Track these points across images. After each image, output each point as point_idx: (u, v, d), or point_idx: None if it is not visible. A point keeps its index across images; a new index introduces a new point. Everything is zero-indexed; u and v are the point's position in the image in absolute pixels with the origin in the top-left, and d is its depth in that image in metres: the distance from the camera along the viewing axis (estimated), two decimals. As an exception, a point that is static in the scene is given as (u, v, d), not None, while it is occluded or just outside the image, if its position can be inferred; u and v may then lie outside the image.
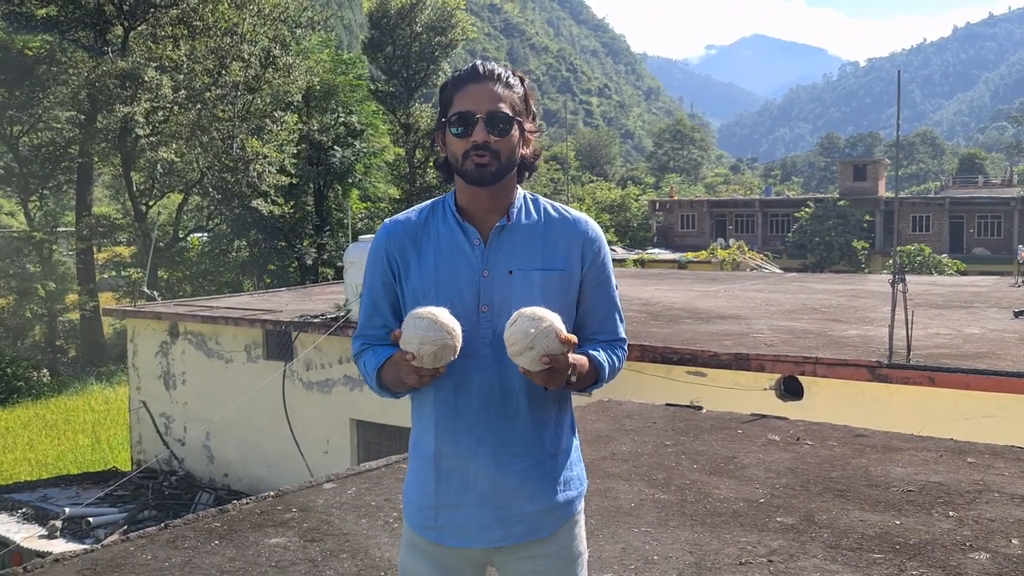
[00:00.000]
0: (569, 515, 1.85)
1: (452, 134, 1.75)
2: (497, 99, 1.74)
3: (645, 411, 5.82)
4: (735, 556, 3.35)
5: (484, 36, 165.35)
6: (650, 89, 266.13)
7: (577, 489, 1.88)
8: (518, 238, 1.80)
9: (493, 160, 1.73)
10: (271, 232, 29.98)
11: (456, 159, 1.76)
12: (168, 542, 3.65)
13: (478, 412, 1.77)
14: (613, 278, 1.92)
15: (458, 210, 1.82)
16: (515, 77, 1.80)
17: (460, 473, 1.78)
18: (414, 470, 1.86)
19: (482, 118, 1.72)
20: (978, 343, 7.79)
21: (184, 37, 27.89)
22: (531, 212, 1.84)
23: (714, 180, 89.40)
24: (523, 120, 1.79)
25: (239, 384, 11.46)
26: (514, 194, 1.83)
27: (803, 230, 42.45)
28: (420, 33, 36.73)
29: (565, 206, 1.90)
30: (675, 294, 13.18)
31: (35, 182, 28.54)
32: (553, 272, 1.79)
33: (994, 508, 3.78)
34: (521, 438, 1.79)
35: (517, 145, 1.78)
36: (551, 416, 1.83)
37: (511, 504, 1.78)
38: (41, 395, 22.51)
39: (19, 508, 10.96)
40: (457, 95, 1.76)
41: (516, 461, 1.78)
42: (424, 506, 1.82)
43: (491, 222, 1.80)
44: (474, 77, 1.76)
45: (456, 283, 1.77)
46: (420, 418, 1.85)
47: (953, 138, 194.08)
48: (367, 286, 1.90)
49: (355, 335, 1.93)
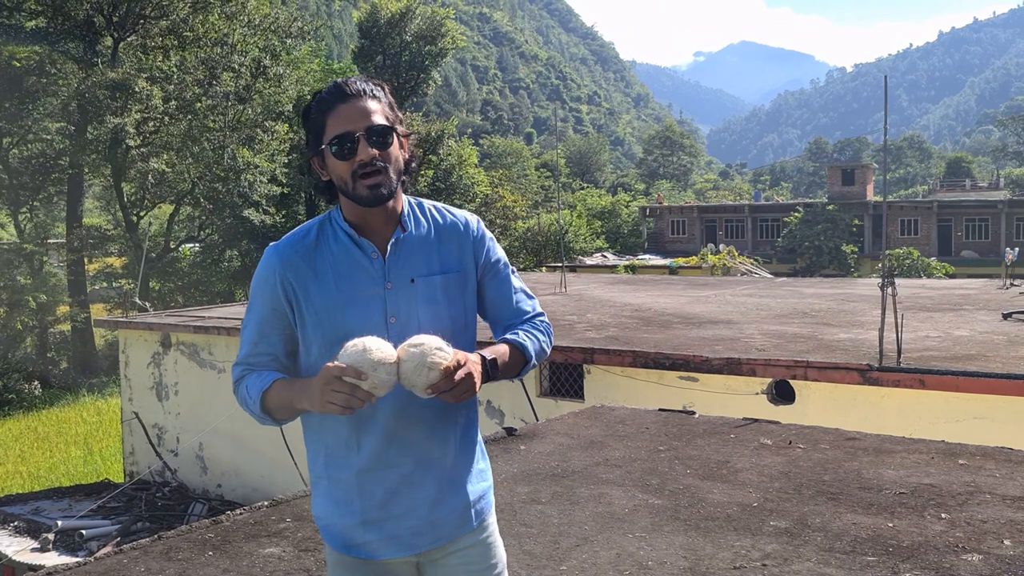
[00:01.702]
0: (489, 504, 1.90)
1: (335, 159, 1.73)
2: (370, 113, 1.73)
3: (638, 416, 5.83)
4: (729, 561, 3.36)
5: (474, 45, 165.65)
6: (639, 96, 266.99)
7: (488, 479, 1.93)
8: (414, 246, 1.81)
9: (385, 177, 1.73)
10: (263, 241, 29.89)
11: (345, 183, 1.74)
12: (162, 553, 3.64)
13: (396, 423, 1.77)
14: (508, 265, 1.94)
15: (350, 226, 1.80)
16: (378, 87, 1.78)
17: (384, 485, 1.78)
18: (325, 491, 1.84)
19: (362, 135, 1.71)
20: (968, 345, 7.83)
21: (174, 48, 27.89)
22: (420, 219, 1.85)
23: (704, 186, 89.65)
24: (398, 126, 1.79)
25: (232, 394, 11.41)
26: (401, 203, 1.84)
27: (793, 235, 42.63)
28: (410, 42, 36.87)
29: (447, 206, 1.93)
30: (666, 300, 13.21)
31: (25, 194, 28.41)
32: (451, 274, 1.82)
33: (986, 509, 3.80)
34: (438, 442, 1.80)
35: (399, 153, 1.79)
36: (460, 414, 1.85)
37: (436, 506, 1.80)
38: (33, 407, 22.38)
39: (11, 521, 10.89)
40: (330, 118, 1.73)
41: (435, 464, 1.80)
42: (348, 525, 1.80)
43: (385, 234, 1.80)
44: (341, 97, 1.74)
45: (361, 298, 1.76)
46: (327, 438, 1.82)
47: (940, 142, 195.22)
48: (254, 312, 1.85)
49: (236, 362, 1.90)
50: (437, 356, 1.63)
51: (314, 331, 1.79)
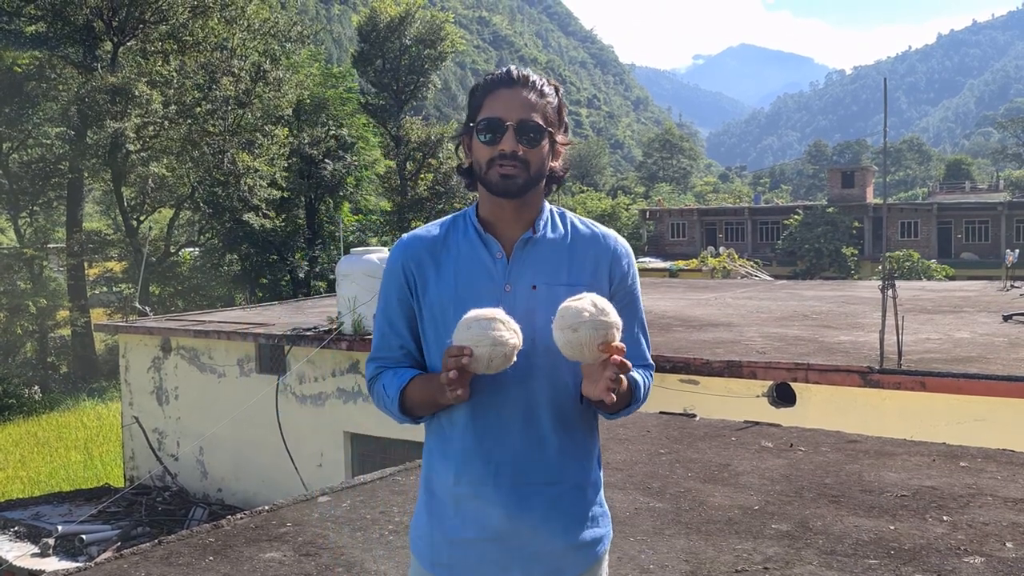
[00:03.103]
0: (595, 557, 1.70)
1: (479, 140, 1.65)
2: (530, 107, 1.64)
3: (639, 420, 5.82)
4: (731, 564, 3.35)
5: (473, 48, 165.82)
6: (639, 99, 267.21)
7: (604, 528, 1.74)
8: (543, 252, 1.68)
9: (521, 171, 1.63)
10: (263, 246, 29.93)
11: (481, 167, 1.66)
12: (162, 558, 3.63)
13: (497, 438, 1.63)
14: (638, 297, 1.78)
15: (480, 222, 1.71)
16: (550, 86, 1.70)
17: (477, 505, 1.64)
18: (424, 502, 1.73)
19: (512, 126, 1.62)
20: (968, 347, 7.83)
21: (174, 52, 27.92)
22: (557, 225, 1.73)
23: (703, 189, 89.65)
24: (555, 131, 1.69)
25: (232, 398, 11.42)
26: (540, 207, 1.72)
27: (793, 237, 42.63)
28: (409, 46, 36.90)
29: (593, 221, 1.80)
30: (666, 302, 13.20)
31: (25, 198, 28.43)
32: (579, 288, 1.62)
33: (987, 512, 3.80)
34: (545, 467, 1.64)
35: (547, 157, 1.68)
36: (578, 444, 1.69)
37: (532, 541, 1.63)
38: (33, 412, 22.34)
39: (11, 526, 10.86)
40: (488, 99, 1.66)
41: (538, 492, 1.64)
42: (436, 541, 1.68)
43: (515, 235, 1.69)
44: (507, 82, 1.66)
45: (476, 298, 1.62)
46: (434, 445, 1.72)
47: (939, 144, 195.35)
48: (382, 303, 1.76)
49: (369, 358, 1.78)
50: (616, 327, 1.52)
51: (430, 327, 1.69)
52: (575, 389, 1.65)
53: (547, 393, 1.63)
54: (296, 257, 30.60)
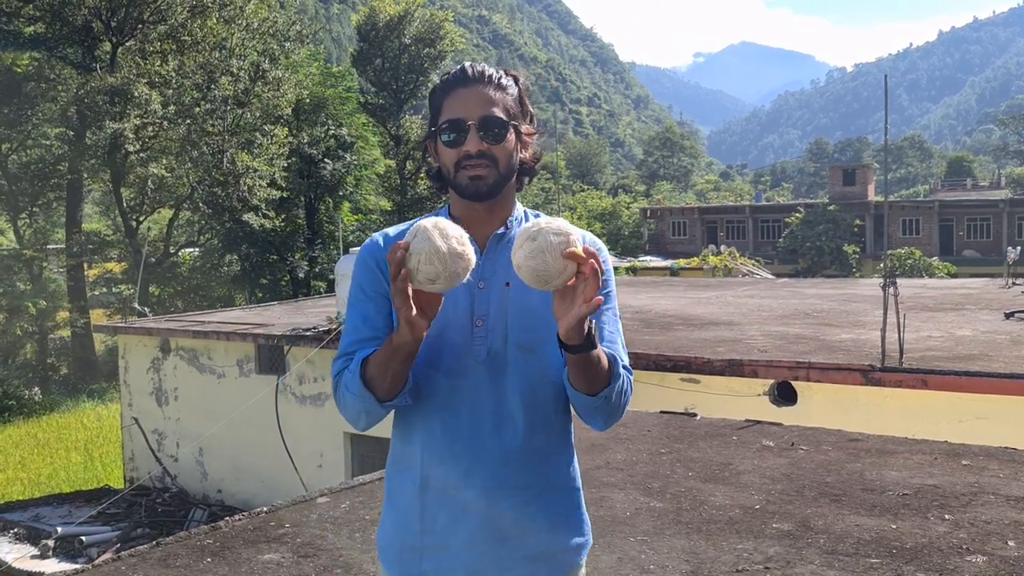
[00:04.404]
0: (572, 564, 1.63)
1: (443, 144, 1.61)
2: (489, 102, 1.60)
3: (639, 419, 5.80)
4: (732, 564, 3.33)
5: (473, 47, 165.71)
6: (639, 98, 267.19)
7: (583, 535, 1.66)
8: None
9: (490, 170, 1.59)
10: (262, 246, 29.91)
11: (448, 170, 1.62)
12: (160, 560, 3.61)
13: (468, 439, 1.57)
14: (614, 299, 1.68)
15: (454, 220, 1.64)
16: (508, 77, 1.67)
17: (448, 510, 1.57)
18: (391, 509, 1.65)
19: (474, 125, 1.58)
20: (970, 345, 7.81)
21: (173, 52, 27.87)
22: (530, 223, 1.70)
23: (704, 187, 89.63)
24: (519, 123, 1.65)
25: (232, 399, 11.40)
26: (512, 205, 1.69)
27: (794, 235, 42.60)
28: (409, 45, 36.88)
29: (565, 220, 1.79)
30: (667, 301, 13.18)
31: (24, 199, 28.43)
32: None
33: (990, 510, 3.77)
34: (518, 469, 1.58)
35: (514, 151, 1.64)
36: (552, 446, 1.62)
37: (505, 546, 1.57)
38: (32, 413, 22.34)
39: (11, 528, 10.86)
40: (446, 101, 1.62)
41: (511, 495, 1.57)
42: (406, 547, 1.61)
43: (488, 233, 1.66)
44: (463, 80, 1.62)
45: (450, 294, 1.56)
46: (400, 448, 1.66)
47: (940, 142, 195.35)
48: (353, 300, 1.68)
49: (336, 356, 1.66)
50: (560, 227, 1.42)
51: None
52: (550, 389, 1.60)
53: (520, 393, 1.58)
54: (296, 257, 30.59)
